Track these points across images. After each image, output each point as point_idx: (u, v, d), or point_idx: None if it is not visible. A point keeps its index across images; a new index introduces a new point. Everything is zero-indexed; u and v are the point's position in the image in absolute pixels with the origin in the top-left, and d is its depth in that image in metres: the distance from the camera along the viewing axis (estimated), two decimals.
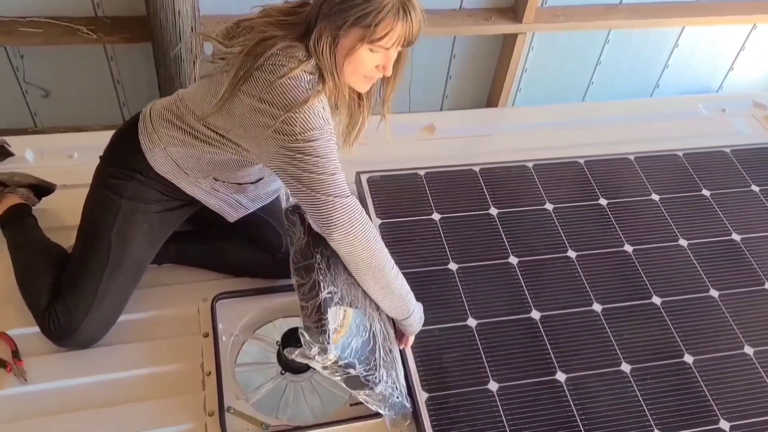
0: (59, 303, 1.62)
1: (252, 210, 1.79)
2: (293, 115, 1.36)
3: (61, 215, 1.93)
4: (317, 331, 1.37)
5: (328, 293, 1.41)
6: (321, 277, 1.43)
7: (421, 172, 2.14)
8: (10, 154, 2.07)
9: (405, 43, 1.41)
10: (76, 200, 1.71)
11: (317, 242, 1.48)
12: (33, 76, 2.78)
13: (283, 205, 1.60)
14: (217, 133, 1.54)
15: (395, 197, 2.05)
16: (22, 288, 1.70)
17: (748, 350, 1.79)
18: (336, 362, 1.39)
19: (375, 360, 1.49)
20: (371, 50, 1.40)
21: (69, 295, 1.62)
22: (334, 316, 1.40)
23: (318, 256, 1.47)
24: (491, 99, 3.30)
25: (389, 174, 2.11)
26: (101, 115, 2.95)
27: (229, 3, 2.67)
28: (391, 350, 1.59)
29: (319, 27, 1.39)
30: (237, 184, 1.70)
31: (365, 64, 1.42)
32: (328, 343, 1.36)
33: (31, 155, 2.13)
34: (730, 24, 3.26)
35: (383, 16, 1.34)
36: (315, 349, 1.36)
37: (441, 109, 3.35)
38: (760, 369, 1.76)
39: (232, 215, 1.77)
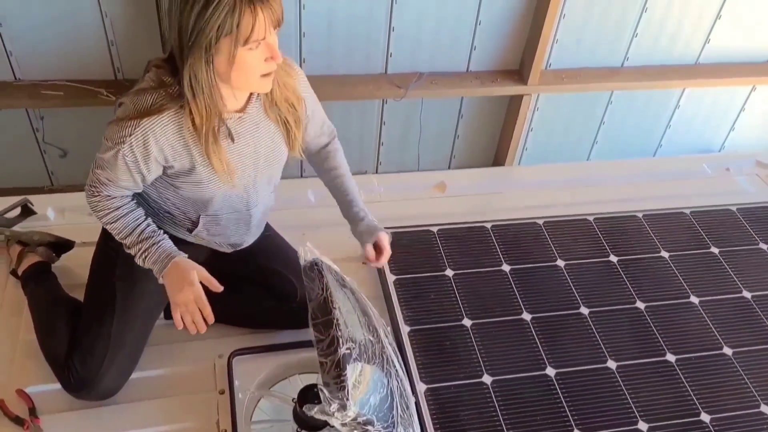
0: (77, 354, 1.64)
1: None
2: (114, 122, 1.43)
3: (80, 272, 1.94)
4: (336, 387, 1.38)
5: (347, 349, 1.42)
6: (339, 333, 1.45)
7: (434, 229, 2.17)
8: (32, 213, 2.12)
9: (276, 24, 1.35)
10: None
11: (336, 298, 1.49)
12: (52, 136, 2.84)
13: (302, 262, 1.62)
14: None
15: (408, 254, 2.08)
16: (42, 343, 1.72)
17: (765, 409, 1.78)
18: (355, 419, 1.39)
19: (393, 417, 1.48)
20: (250, 49, 1.34)
21: (84, 344, 1.64)
22: (353, 372, 1.41)
23: (336, 312, 1.48)
24: (498, 158, 3.36)
25: (402, 231, 2.14)
26: None
27: None
28: (407, 407, 1.59)
29: (189, 61, 1.34)
30: (188, 230, 1.71)
31: (253, 64, 1.36)
32: (348, 399, 1.36)
33: (52, 213, 2.17)
34: (729, 86, 3.35)
35: (238, 14, 1.29)
36: (335, 406, 1.36)
37: (449, 168, 3.40)
38: None
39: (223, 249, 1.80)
